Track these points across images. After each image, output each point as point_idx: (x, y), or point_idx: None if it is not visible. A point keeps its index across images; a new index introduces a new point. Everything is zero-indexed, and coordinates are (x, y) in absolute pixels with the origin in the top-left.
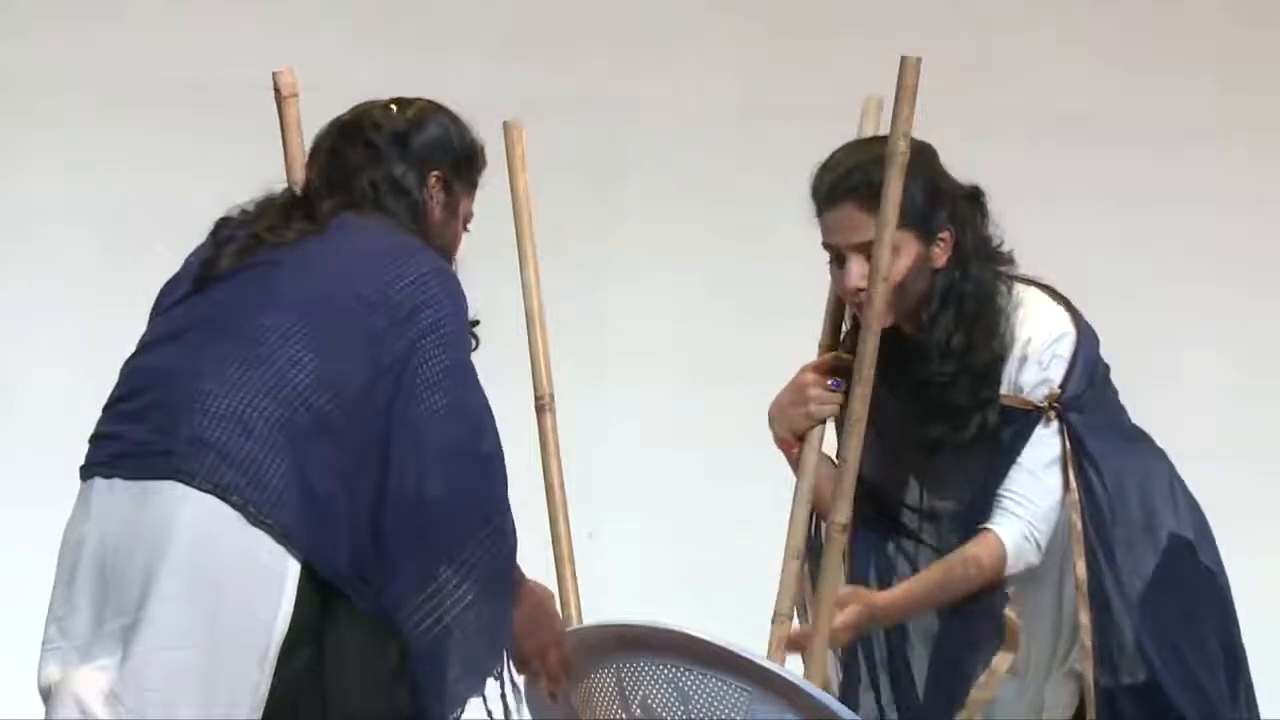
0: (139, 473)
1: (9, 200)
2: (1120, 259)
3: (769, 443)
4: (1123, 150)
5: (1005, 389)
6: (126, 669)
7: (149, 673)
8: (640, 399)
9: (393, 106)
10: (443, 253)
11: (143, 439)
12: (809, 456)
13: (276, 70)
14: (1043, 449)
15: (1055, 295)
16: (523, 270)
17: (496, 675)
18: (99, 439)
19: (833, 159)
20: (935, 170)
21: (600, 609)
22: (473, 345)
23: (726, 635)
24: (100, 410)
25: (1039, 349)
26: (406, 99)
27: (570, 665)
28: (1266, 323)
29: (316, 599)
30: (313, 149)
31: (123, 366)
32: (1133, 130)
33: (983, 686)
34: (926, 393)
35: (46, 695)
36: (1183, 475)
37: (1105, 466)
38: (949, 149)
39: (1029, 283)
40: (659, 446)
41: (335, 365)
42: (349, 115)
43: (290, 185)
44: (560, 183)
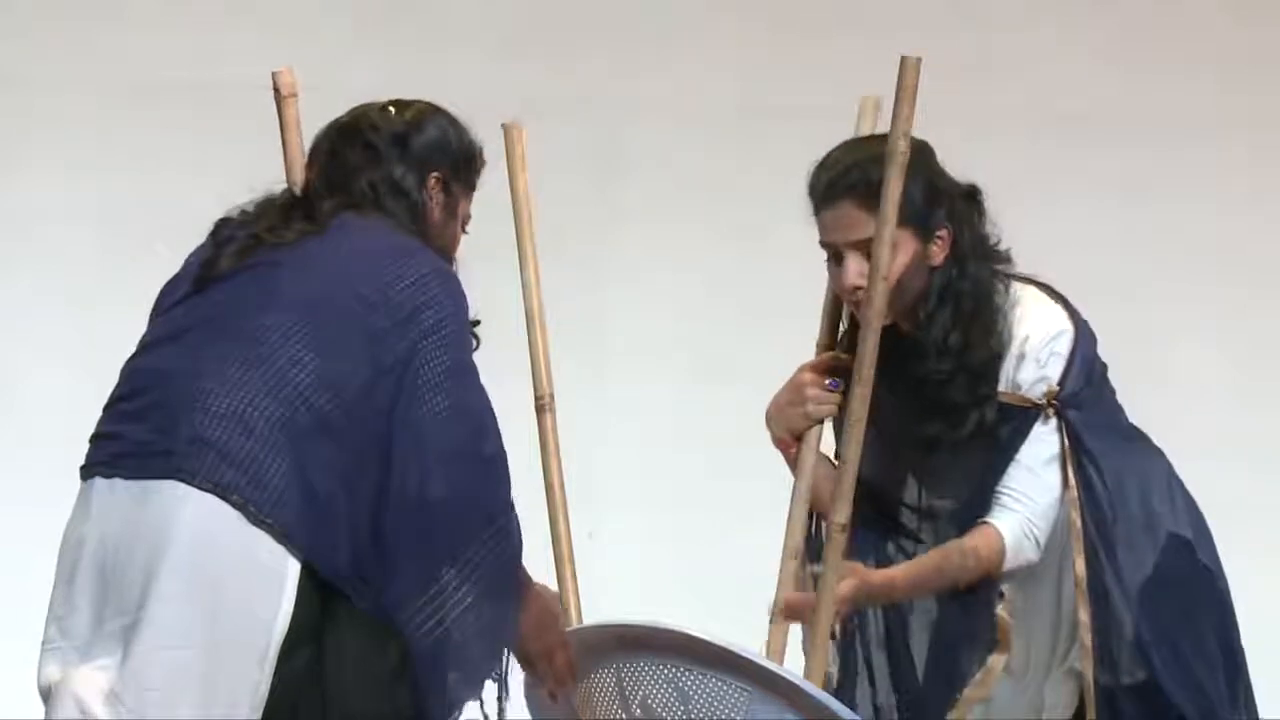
0: (139, 472)
1: (9, 200)
2: (1120, 259)
3: (769, 443)
4: (1123, 150)
5: (1003, 386)
6: (127, 669)
7: (149, 672)
8: (640, 399)
9: (391, 108)
10: (442, 253)
11: (143, 439)
12: (807, 456)
13: (276, 70)
14: (1041, 446)
15: (1052, 293)
16: (523, 270)
17: (496, 676)
18: (99, 439)
19: (830, 157)
20: (933, 168)
21: (600, 609)
22: (473, 345)
23: (726, 635)
24: (100, 410)
25: (1037, 346)
26: (405, 101)
27: (576, 668)
28: (1266, 323)
29: (316, 599)
30: (312, 150)
31: (123, 367)
32: (1133, 130)
33: (978, 685)
34: (924, 390)
35: (46, 695)
36: (1182, 475)
37: (1104, 464)
38: (949, 149)
39: (1026, 281)
40: (659, 446)
41: (336, 365)
42: (347, 117)
43: (290, 186)
44: (560, 183)
